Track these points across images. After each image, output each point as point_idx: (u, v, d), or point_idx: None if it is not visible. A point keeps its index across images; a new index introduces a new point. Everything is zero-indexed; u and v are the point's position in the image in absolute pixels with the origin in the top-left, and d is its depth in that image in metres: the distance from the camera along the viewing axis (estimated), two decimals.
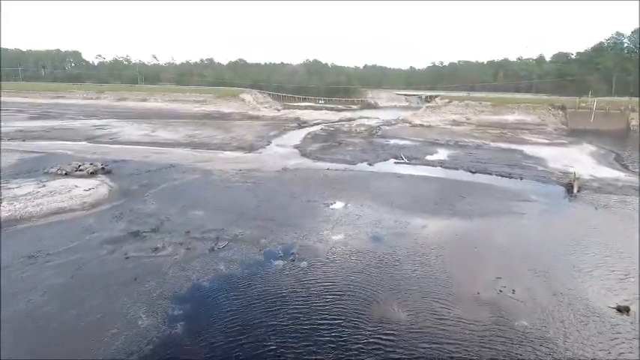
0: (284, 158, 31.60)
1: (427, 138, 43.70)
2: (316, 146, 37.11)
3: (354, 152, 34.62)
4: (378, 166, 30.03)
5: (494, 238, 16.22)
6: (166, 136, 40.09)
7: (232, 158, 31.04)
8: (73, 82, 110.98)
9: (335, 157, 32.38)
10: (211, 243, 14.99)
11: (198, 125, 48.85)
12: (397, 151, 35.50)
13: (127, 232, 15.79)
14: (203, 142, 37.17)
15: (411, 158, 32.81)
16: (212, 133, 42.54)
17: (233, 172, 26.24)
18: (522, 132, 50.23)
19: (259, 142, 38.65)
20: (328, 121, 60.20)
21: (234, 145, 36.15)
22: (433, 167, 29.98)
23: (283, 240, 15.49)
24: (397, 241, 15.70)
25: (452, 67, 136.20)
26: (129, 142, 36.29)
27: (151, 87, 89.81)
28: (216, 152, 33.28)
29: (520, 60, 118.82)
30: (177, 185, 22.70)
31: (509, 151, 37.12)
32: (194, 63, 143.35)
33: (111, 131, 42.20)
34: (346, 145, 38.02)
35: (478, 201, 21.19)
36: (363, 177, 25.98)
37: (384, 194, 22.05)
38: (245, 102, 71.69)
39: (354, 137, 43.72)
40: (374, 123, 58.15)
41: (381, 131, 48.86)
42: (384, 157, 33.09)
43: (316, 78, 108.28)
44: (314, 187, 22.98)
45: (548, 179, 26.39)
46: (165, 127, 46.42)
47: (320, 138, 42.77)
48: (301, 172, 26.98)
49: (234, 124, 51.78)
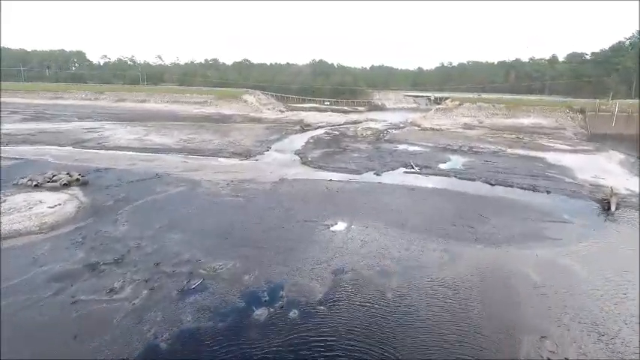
0: (282, 166, 28.84)
1: (438, 143, 40.68)
2: (318, 152, 34.30)
3: (359, 159, 31.77)
4: (386, 176, 27.14)
5: (529, 275, 13.27)
6: (159, 140, 37.55)
7: (226, 166, 28.34)
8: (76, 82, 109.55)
9: (338, 165, 29.55)
10: (183, 280, 12.26)
11: (196, 128, 46.31)
12: (406, 159, 32.58)
13: (84, 264, 13.11)
14: (197, 148, 34.55)
15: (422, 167, 29.88)
16: (208, 138, 39.93)
17: (224, 183, 23.53)
18: (540, 137, 46.96)
19: (258, 147, 35.93)
20: (333, 124, 57.40)
21: (230, 151, 33.47)
22: (447, 178, 27.03)
23: (271, 276, 12.70)
24: (411, 277, 12.83)
25: (461, 67, 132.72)
26: (117, 148, 33.80)
27: (152, 88, 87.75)
28: (209, 159, 30.63)
29: (532, 60, 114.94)
30: (158, 200, 20.02)
31: (530, 158, 33.99)
32: (198, 63, 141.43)
33: (102, 135, 39.79)
34: (351, 151, 35.16)
35: (503, 222, 18.23)
36: (369, 190, 23.10)
37: (393, 212, 19.18)
38: (247, 103, 69.16)
39: (359, 142, 40.85)
40: (381, 126, 55.22)
41: (389, 135, 45.94)
42: (393, 165, 30.19)
43: (322, 79, 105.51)
44: (313, 203, 20.18)
45: (579, 194, 23.30)
46: (159, 130, 43.94)
47: (323, 143, 39.96)
48: (300, 183, 24.19)
49: (234, 127, 49.18)
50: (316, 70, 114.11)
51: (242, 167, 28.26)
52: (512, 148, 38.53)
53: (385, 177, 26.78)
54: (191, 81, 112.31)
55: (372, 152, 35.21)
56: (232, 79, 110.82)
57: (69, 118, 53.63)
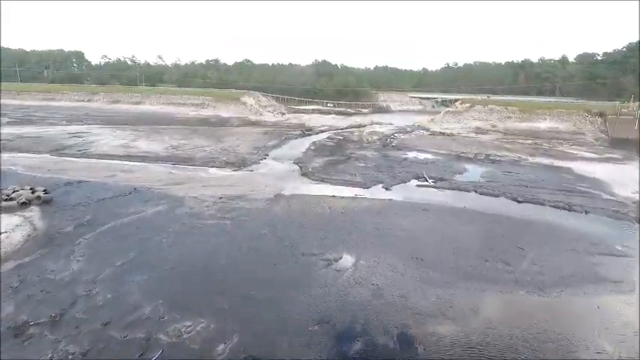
0: (279, 179, 25.63)
1: (451, 150, 37.38)
2: (320, 161, 31.08)
3: (366, 170, 28.53)
4: (397, 190, 23.91)
5: (595, 342, 10.00)
6: (146, 147, 34.44)
7: (216, 179, 25.16)
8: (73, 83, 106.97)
9: (342, 177, 26.33)
10: (135, 352, 9.06)
11: (189, 133, 43.19)
12: (418, 169, 29.35)
13: (9, 324, 9.94)
14: (187, 156, 31.41)
15: (436, 179, 26.63)
16: (201, 143, 36.79)
17: (211, 201, 20.36)
18: (559, 143, 43.56)
19: (254, 155, 32.76)
20: (336, 127, 54.20)
21: (223, 160, 30.32)
22: (466, 192, 23.78)
23: (255, 345, 9.49)
24: (441, 348, 9.58)
25: (467, 68, 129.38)
26: (99, 155, 30.71)
27: (148, 89, 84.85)
28: (198, 170, 27.47)
29: (542, 61, 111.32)
30: (129, 225, 16.84)
31: (555, 169, 30.65)
32: (199, 64, 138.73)
33: (86, 140, 36.73)
34: (356, 160, 31.92)
35: (544, 255, 14.93)
36: (378, 209, 19.84)
37: (408, 240, 15.94)
38: (246, 106, 66.05)
39: (365, 149, 37.60)
40: (387, 130, 51.99)
41: (397, 141, 42.67)
42: (403, 176, 26.94)
43: (325, 79, 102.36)
44: (313, 228, 16.96)
45: (624, 215, 19.96)
46: (149, 134, 40.85)
47: (326, 149, 36.73)
48: (299, 200, 20.98)
49: (231, 131, 46.04)
50: (319, 71, 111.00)
51: (234, 180, 25.06)
52: (533, 157, 35.18)
53: (396, 192, 23.53)
54: (190, 82, 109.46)
55: (380, 161, 31.95)
56: (233, 80, 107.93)
57: (57, 121, 50.67)
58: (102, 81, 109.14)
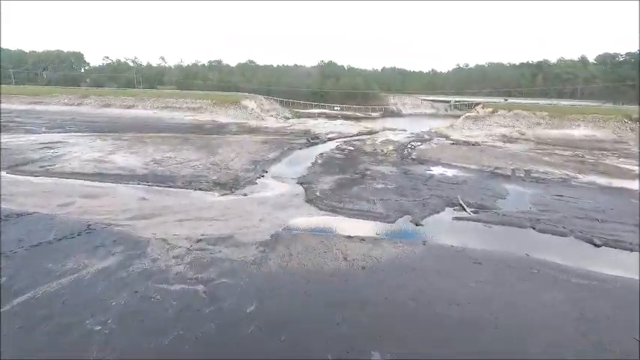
0: (279, 208, 20.26)
1: (482, 164, 31.83)
2: (330, 181, 25.69)
3: (385, 193, 23.09)
4: (430, 225, 18.49)
5: None
6: (124, 161, 29.26)
7: (198, 209, 19.83)
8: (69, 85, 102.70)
9: (359, 204, 20.91)
10: None
11: (179, 142, 37.99)
12: (449, 191, 23.90)
13: None
14: (168, 174, 26.18)
15: (475, 207, 21.18)
16: (189, 156, 31.56)
17: (184, 246, 15.04)
18: (603, 154, 37.84)
19: (250, 172, 27.47)
20: (345, 134, 48.82)
21: (212, 180, 25.04)
22: (521, 230, 18.30)
23: None
24: None
25: (480, 69, 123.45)
26: (63, 174, 25.58)
27: (144, 91, 79.98)
28: (178, 194, 22.20)
29: (561, 61, 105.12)
30: (53, 297, 11.54)
31: (617, 191, 25.03)
32: (201, 65, 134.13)
33: (55, 153, 31.65)
34: (373, 179, 26.48)
35: None
36: (411, 262, 14.38)
37: (468, 328, 10.46)
38: (247, 110, 60.88)
39: (381, 162, 32.15)
40: (403, 138, 46.50)
41: (416, 152, 37.15)
42: (434, 203, 21.47)
43: (331, 81, 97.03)
44: (324, 303, 11.56)
45: None
46: (133, 145, 35.70)
47: (335, 164, 31.33)
48: (303, 245, 15.57)
49: (227, 139, 40.78)
50: (325, 72, 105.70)
51: (221, 210, 19.71)
52: (583, 174, 29.55)
53: (429, 228, 18.09)
54: (191, 84, 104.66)
55: (401, 180, 26.49)
56: (235, 82, 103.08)
57: (35, 127, 45.76)
58: (99, 83, 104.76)
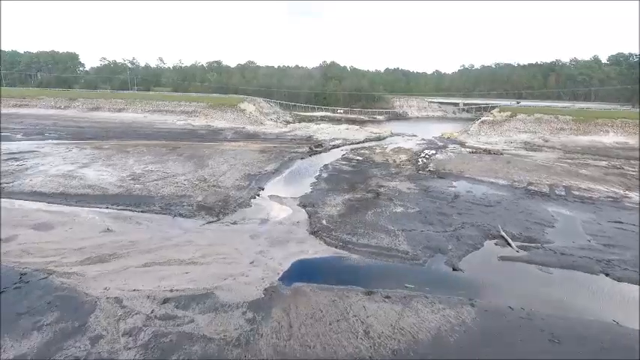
0: (276, 243, 16.04)
1: (512, 179, 27.60)
2: (338, 202, 21.45)
3: (407, 220, 18.86)
4: (472, 270, 14.31)
5: None
6: (96, 176, 25.09)
7: (174, 245, 15.61)
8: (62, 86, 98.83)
9: (376, 237, 16.69)
10: None
11: (166, 151, 33.80)
12: (483, 216, 19.73)
13: None
14: (146, 193, 22.00)
15: (521, 239, 16.99)
16: (174, 170, 27.38)
17: (143, 313, 10.87)
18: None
19: (243, 189, 23.28)
20: (351, 141, 44.61)
21: (196, 202, 20.84)
22: (589, 275, 14.09)
23: None
24: None
25: (487, 70, 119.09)
26: (23, 193, 21.51)
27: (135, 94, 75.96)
28: (152, 221, 18.02)
29: (575, 62, 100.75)
30: None
31: None
32: (200, 66, 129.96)
33: (22, 165, 27.55)
34: (389, 199, 22.22)
35: None
36: (460, 343, 10.13)
37: None
38: (245, 113, 56.70)
39: (395, 176, 27.91)
40: (415, 145, 42.25)
41: (433, 162, 32.88)
42: (469, 235, 17.27)
43: (334, 83, 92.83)
44: None
45: None
46: (113, 155, 31.54)
47: (342, 178, 27.10)
48: (308, 311, 11.33)
49: (220, 148, 36.58)
50: (327, 74, 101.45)
51: (202, 247, 15.49)
52: (632, 191, 25.27)
53: (473, 277, 13.88)
54: (188, 85, 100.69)
55: (423, 200, 22.25)
56: (234, 84, 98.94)
57: (12, 134, 41.68)
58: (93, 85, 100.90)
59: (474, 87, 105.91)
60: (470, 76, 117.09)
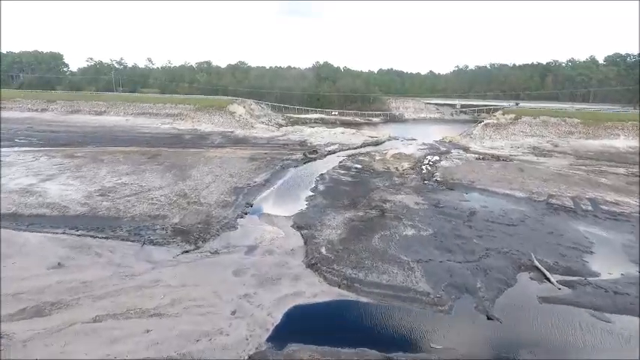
0: (265, 283, 13.03)
1: (528, 189, 24.91)
2: (338, 222, 18.47)
3: (421, 247, 15.96)
4: (510, 318, 11.47)
5: None
6: (59, 192, 21.83)
7: (136, 287, 12.53)
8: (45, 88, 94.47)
9: (387, 272, 13.78)
10: None
11: (145, 160, 30.54)
12: (504, 235, 17.10)
13: None
14: (113, 214, 18.82)
15: (561, 271, 14.22)
16: (152, 182, 24.19)
17: None
18: None
19: (228, 207, 20.21)
20: (348, 145, 41.68)
21: (173, 223, 17.74)
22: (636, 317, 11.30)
23: None
24: None
25: (483, 71, 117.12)
26: None
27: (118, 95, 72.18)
28: (115, 254, 14.86)
29: (572, 62, 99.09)
30: None
31: None
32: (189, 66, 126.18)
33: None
34: (397, 218, 19.30)
35: None
36: None
37: None
38: (234, 116, 53.48)
39: (400, 187, 25.02)
40: (416, 151, 39.45)
41: (439, 171, 30.05)
42: (497, 267, 14.45)
43: (327, 84, 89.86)
44: None
45: None
46: (84, 165, 28.24)
47: (341, 191, 24.10)
48: None
49: (206, 155, 33.39)
50: (320, 74, 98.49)
51: (172, 287, 12.43)
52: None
53: (512, 329, 11.01)
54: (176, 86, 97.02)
55: (435, 219, 19.39)
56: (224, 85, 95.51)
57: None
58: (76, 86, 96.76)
59: (470, 88, 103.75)
60: (465, 77, 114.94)
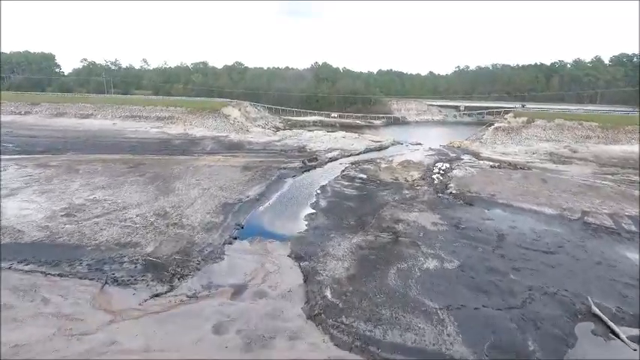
0: (254, 345, 9.95)
1: (557, 204, 21.98)
2: (345, 253, 15.44)
3: (449, 288, 12.96)
4: None
5: None
6: (18, 210, 18.78)
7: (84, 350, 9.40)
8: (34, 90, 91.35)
9: (410, 326, 10.75)
10: None
11: (126, 170, 27.48)
12: (543, 267, 14.19)
13: None
14: (76, 240, 15.76)
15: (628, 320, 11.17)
16: (129, 198, 21.14)
17: None
18: None
19: (214, 230, 17.19)
20: (350, 151, 38.72)
21: (145, 253, 14.69)
22: None
23: None
24: None
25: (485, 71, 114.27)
26: None
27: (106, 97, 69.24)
28: (67, 295, 11.76)
29: (577, 62, 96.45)
30: None
31: None
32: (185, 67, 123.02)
33: None
34: (414, 245, 16.30)
35: None
36: None
37: None
38: (229, 119, 50.47)
39: (412, 202, 22.04)
40: (424, 157, 36.52)
41: (453, 181, 27.06)
42: (547, 316, 11.48)
43: (326, 85, 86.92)
44: None
45: None
46: (55, 176, 25.18)
47: (347, 210, 21.06)
48: None
49: (195, 164, 30.34)
50: (319, 75, 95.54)
51: (133, 353, 9.33)
52: None
53: None
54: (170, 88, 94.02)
55: (458, 244, 16.40)
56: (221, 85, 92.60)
57: None
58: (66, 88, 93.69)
59: (473, 89, 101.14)
60: (467, 78, 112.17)
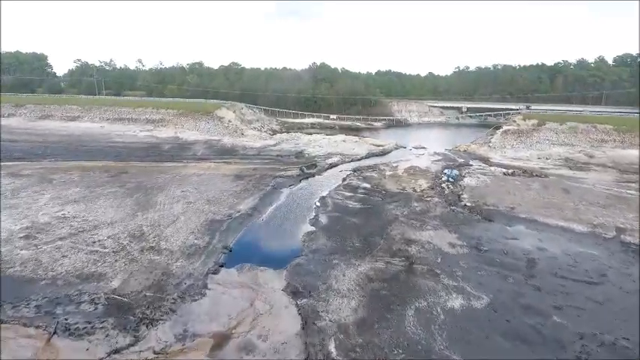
0: None
1: (587, 220, 19.52)
2: (351, 287, 12.97)
3: (481, 337, 10.49)
4: None
5: None
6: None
7: None
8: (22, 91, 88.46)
9: None
10: None
11: (104, 180, 24.85)
12: (595, 308, 11.56)
13: None
14: (30, 270, 13.23)
15: None
16: (102, 215, 18.55)
17: None
18: None
19: (196, 256, 14.63)
20: (351, 157, 36.15)
21: (110, 289, 12.16)
22: None
23: None
24: None
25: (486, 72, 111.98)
26: None
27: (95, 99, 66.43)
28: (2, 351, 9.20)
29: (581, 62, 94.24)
30: None
31: None
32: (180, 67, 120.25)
33: None
34: (432, 275, 13.83)
35: None
36: None
37: None
38: (223, 122, 47.82)
39: (423, 216, 19.54)
40: (430, 162, 34.02)
41: (466, 192, 24.58)
42: None
43: (325, 86, 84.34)
44: None
45: None
46: (27, 187, 22.57)
47: (351, 227, 18.52)
48: None
49: (181, 173, 27.72)
50: (317, 76, 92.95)
51: None
52: None
53: None
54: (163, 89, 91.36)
55: (484, 273, 13.93)
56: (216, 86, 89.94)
57: None
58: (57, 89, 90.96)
59: (474, 90, 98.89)
60: (468, 78, 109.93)
